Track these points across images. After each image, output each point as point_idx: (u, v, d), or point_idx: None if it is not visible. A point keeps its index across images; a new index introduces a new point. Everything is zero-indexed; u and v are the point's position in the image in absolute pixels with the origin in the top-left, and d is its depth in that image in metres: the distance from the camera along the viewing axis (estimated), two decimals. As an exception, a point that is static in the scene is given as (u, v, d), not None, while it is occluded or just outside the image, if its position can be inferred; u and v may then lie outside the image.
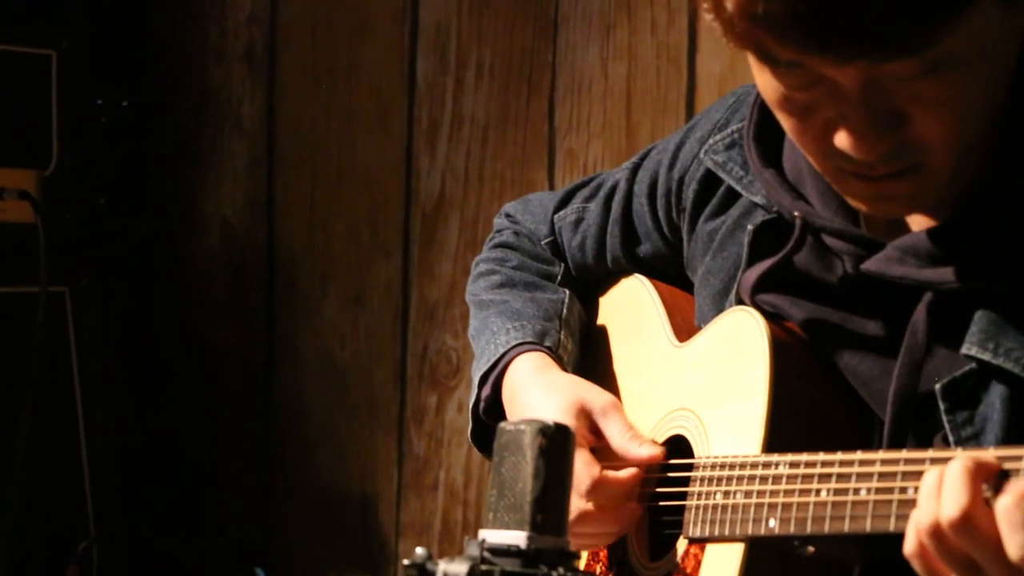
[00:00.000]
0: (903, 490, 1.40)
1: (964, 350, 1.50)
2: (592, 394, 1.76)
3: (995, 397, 1.49)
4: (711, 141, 1.76)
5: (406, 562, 1.34)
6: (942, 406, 1.51)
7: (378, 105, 3.43)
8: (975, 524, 1.33)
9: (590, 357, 1.91)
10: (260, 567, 3.36)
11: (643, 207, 1.85)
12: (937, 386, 1.51)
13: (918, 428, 1.52)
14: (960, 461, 1.35)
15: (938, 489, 1.35)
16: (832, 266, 1.61)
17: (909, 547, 1.37)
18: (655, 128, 3.05)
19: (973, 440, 1.49)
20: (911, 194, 1.50)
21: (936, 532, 1.35)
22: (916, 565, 1.38)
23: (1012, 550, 1.32)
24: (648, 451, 1.70)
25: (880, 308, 1.58)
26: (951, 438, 1.50)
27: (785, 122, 1.51)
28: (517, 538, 1.34)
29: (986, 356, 1.49)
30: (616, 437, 1.72)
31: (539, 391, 1.77)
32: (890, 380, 1.54)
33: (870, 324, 1.58)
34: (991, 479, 1.34)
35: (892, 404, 1.53)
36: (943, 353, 1.53)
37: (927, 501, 1.36)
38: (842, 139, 1.45)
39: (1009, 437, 1.47)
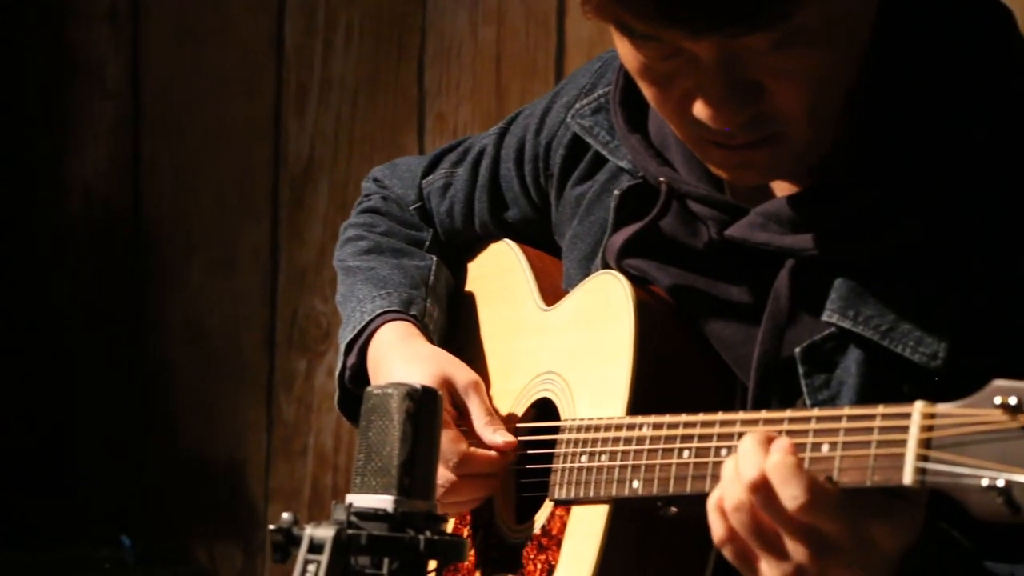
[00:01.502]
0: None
1: (825, 317, 1.52)
2: (456, 370, 1.76)
3: (851, 362, 1.52)
4: (577, 106, 1.76)
5: (273, 527, 1.34)
6: (800, 370, 1.53)
7: (246, 67, 3.39)
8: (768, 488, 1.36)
9: (459, 322, 1.91)
10: (125, 534, 3.33)
11: (511, 172, 1.85)
12: (796, 350, 1.53)
13: (780, 392, 1.54)
14: (750, 434, 1.38)
15: (735, 468, 1.38)
16: (698, 232, 1.63)
17: (717, 534, 1.40)
18: (525, 91, 3.05)
19: (829, 403, 1.51)
20: (769, 162, 1.51)
21: (739, 505, 1.38)
22: (728, 551, 1.40)
23: (787, 503, 1.35)
24: (502, 439, 1.72)
25: (744, 274, 1.60)
26: (808, 401, 1.52)
27: (646, 91, 1.52)
28: (384, 502, 1.34)
29: (846, 323, 1.51)
30: (475, 420, 1.73)
31: (402, 361, 1.78)
32: (754, 345, 1.56)
33: (735, 290, 1.60)
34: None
35: (755, 369, 1.55)
36: (805, 319, 1.55)
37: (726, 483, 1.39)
38: (700, 109, 1.46)
39: (862, 400, 1.49)
